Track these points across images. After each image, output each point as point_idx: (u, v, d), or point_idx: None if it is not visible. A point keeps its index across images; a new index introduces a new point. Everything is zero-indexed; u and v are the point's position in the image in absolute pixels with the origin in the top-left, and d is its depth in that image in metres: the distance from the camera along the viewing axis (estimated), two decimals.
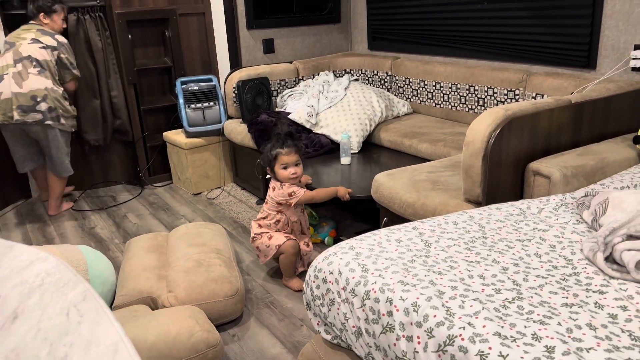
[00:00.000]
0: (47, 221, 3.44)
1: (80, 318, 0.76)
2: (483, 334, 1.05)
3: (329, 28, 4.17)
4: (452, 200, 2.10)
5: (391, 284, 1.27)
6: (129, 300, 2.16)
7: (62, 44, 3.34)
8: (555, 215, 1.66)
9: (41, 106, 3.17)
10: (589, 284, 1.27)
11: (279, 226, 2.45)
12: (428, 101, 3.46)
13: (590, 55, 2.64)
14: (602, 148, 2.13)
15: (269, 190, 2.46)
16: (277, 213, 2.44)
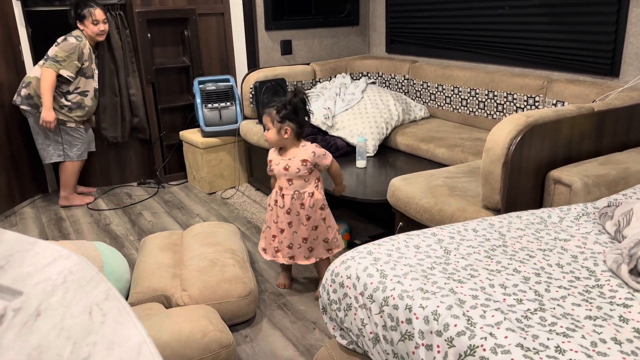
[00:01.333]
0: (63, 216, 3.47)
1: (103, 317, 0.76)
2: (505, 345, 1.03)
3: (347, 30, 4.16)
4: (470, 207, 2.08)
5: (410, 291, 1.25)
6: (143, 298, 2.16)
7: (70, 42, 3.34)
8: (576, 225, 1.63)
9: (22, 91, 3.35)
10: (613, 296, 1.24)
11: None
12: (446, 106, 3.43)
13: (613, 62, 2.60)
14: (625, 157, 2.10)
15: None
16: None
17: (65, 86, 3.38)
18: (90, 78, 3.47)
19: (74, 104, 3.43)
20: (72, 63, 3.33)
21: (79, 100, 3.45)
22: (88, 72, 3.45)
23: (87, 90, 3.47)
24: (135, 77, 3.80)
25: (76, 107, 3.45)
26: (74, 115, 3.46)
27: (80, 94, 3.44)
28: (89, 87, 3.48)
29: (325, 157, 2.24)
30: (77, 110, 3.47)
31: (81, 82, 3.43)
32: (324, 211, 2.29)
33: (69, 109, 3.43)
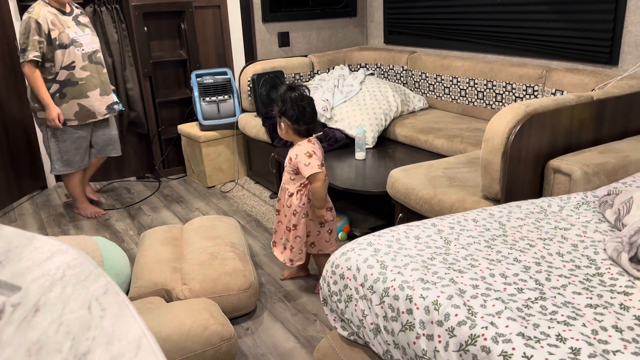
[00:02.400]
0: (63, 212, 3.46)
1: (102, 312, 0.75)
2: (506, 334, 1.03)
3: (345, 22, 4.14)
4: (469, 197, 2.07)
5: (411, 281, 1.25)
6: (144, 292, 2.16)
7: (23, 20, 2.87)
8: (576, 214, 1.63)
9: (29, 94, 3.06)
10: (614, 284, 1.24)
11: None
12: (445, 96, 3.42)
13: (612, 51, 2.59)
14: (624, 146, 2.09)
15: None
16: None
17: (47, 71, 2.92)
18: (70, 46, 2.92)
19: (62, 83, 2.95)
20: (32, 41, 2.82)
21: (68, 77, 2.96)
22: (63, 39, 2.90)
23: (72, 62, 2.94)
24: (132, 71, 3.78)
25: (68, 85, 2.96)
26: (69, 102, 2.98)
27: (66, 68, 2.94)
28: (73, 56, 2.94)
29: (306, 169, 2.11)
30: (71, 91, 2.97)
31: (59, 55, 2.90)
32: (295, 218, 2.21)
33: (61, 96, 2.96)
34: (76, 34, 2.96)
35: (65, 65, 2.94)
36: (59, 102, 2.97)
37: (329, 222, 2.30)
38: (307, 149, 2.15)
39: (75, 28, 2.97)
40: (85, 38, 3.01)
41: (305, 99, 2.15)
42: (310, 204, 2.23)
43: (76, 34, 2.96)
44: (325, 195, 2.20)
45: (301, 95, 2.13)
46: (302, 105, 2.13)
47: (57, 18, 2.91)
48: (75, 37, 2.95)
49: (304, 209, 2.21)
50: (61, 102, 2.98)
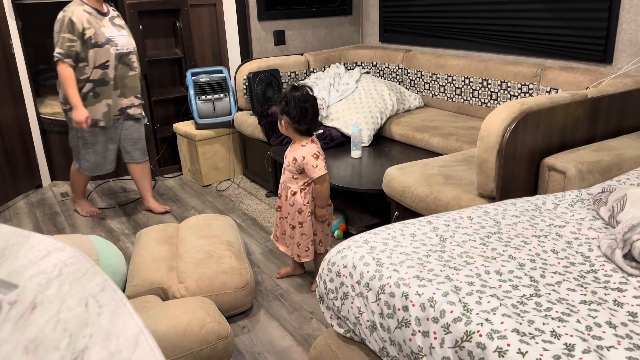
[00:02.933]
0: (58, 211, 3.45)
1: (99, 309, 0.76)
2: (501, 331, 1.04)
3: (341, 20, 4.14)
4: (464, 195, 2.08)
5: (407, 278, 1.26)
6: (140, 291, 2.16)
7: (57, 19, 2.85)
8: (571, 212, 1.64)
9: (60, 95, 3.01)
10: (608, 281, 1.25)
11: None
12: (440, 95, 3.43)
13: (606, 49, 2.60)
14: (618, 144, 2.11)
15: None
16: None
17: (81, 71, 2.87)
18: (105, 45, 2.87)
19: (96, 82, 2.89)
20: (61, 38, 2.80)
21: (102, 76, 2.90)
22: (99, 38, 2.85)
23: (106, 61, 2.89)
24: None
25: (101, 85, 2.91)
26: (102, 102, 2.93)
27: (100, 67, 2.89)
28: (107, 55, 2.88)
29: (314, 171, 2.15)
30: (103, 90, 2.92)
31: (93, 54, 2.85)
32: (301, 216, 2.24)
33: (94, 95, 2.91)
34: (112, 33, 2.90)
35: (100, 64, 2.88)
36: (92, 101, 2.92)
37: (328, 219, 2.32)
38: (313, 150, 2.17)
39: (112, 28, 2.92)
40: (122, 38, 2.95)
41: (309, 100, 2.16)
42: (314, 202, 2.24)
43: (112, 34, 2.90)
44: (327, 196, 2.24)
45: (304, 95, 2.15)
46: (305, 107, 2.14)
47: (93, 17, 2.85)
48: (111, 36, 2.89)
49: (309, 206, 2.24)
50: (94, 101, 2.92)
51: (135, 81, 3.06)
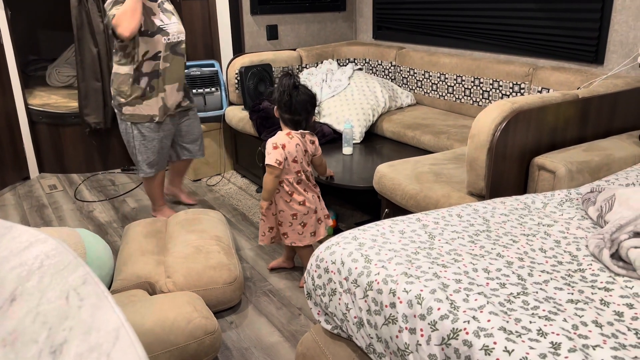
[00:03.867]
0: (45, 203, 3.41)
1: (80, 302, 0.74)
2: (488, 329, 1.04)
3: (334, 16, 4.12)
4: (454, 193, 2.08)
5: (394, 275, 1.25)
6: (127, 285, 2.14)
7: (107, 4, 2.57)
8: (560, 211, 1.64)
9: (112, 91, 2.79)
10: (595, 280, 1.25)
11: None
12: (432, 93, 3.43)
13: (598, 50, 2.61)
14: (608, 144, 2.11)
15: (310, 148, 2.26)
16: None
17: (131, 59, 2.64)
18: (156, 34, 2.64)
19: (150, 75, 2.69)
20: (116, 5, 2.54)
21: (155, 67, 2.69)
22: (149, 26, 2.61)
23: (158, 51, 2.66)
24: None
25: (155, 77, 2.70)
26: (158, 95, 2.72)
27: (152, 59, 2.67)
28: (160, 46, 2.66)
29: (266, 157, 2.15)
30: (156, 83, 2.71)
31: (143, 43, 2.61)
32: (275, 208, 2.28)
33: (150, 89, 2.70)
34: (162, 21, 2.67)
35: (151, 55, 2.66)
36: (149, 95, 2.71)
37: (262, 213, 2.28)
38: (277, 140, 2.16)
39: (161, 15, 2.68)
40: (172, 27, 2.71)
41: (298, 90, 2.15)
42: (279, 194, 2.23)
43: (162, 22, 2.67)
44: (270, 190, 2.19)
45: (293, 84, 2.14)
46: (288, 93, 2.13)
47: (144, 3, 2.60)
48: (162, 25, 2.66)
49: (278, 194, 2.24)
50: (151, 95, 2.72)
51: (183, 70, 2.87)
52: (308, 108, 2.20)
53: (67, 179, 3.87)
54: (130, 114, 2.73)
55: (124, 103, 2.72)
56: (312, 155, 2.28)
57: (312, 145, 2.27)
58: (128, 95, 2.69)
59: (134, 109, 2.72)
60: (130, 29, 2.46)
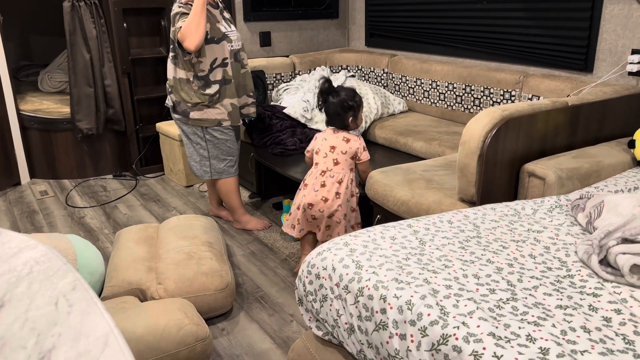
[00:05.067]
0: (36, 209, 3.40)
1: (69, 308, 0.74)
2: (477, 334, 1.04)
3: (327, 23, 4.15)
4: (446, 199, 2.09)
5: (385, 281, 1.26)
6: (118, 292, 2.13)
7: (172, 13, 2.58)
8: (549, 217, 1.66)
9: (168, 99, 2.79)
10: (583, 286, 1.26)
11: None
12: (424, 100, 3.45)
13: (587, 58, 2.64)
14: (597, 151, 2.14)
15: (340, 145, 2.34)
16: (350, 172, 2.37)
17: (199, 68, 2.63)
18: (222, 41, 2.63)
19: (220, 82, 2.66)
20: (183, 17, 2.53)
21: (223, 74, 2.66)
22: (216, 33, 2.61)
23: (225, 58, 2.64)
24: (111, 67, 3.73)
25: (225, 84, 2.68)
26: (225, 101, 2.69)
27: (221, 65, 2.65)
28: (226, 53, 2.65)
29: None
30: (226, 89, 2.68)
31: (210, 50, 2.60)
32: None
33: (221, 97, 2.68)
34: (226, 28, 2.67)
35: (220, 62, 2.64)
36: (216, 101, 2.68)
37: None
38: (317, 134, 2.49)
39: (224, 22, 2.69)
40: (234, 34, 2.72)
41: (332, 93, 2.37)
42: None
43: (226, 29, 2.67)
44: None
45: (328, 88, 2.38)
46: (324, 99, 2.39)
47: (208, 10, 2.60)
48: (226, 32, 2.67)
49: None
50: (219, 101, 2.69)
51: (246, 79, 2.83)
52: (338, 110, 2.36)
53: (59, 184, 3.85)
54: (199, 118, 2.71)
55: (191, 108, 2.70)
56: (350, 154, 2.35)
57: (346, 142, 2.35)
58: (195, 101, 2.67)
59: (202, 114, 2.70)
60: (196, 43, 2.48)
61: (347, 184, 2.34)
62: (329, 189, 2.33)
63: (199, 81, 2.65)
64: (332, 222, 2.34)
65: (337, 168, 2.35)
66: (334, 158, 2.35)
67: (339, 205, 2.31)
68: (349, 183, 2.35)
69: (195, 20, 2.46)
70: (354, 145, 2.35)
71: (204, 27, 2.49)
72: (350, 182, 2.36)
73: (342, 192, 2.32)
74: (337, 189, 2.33)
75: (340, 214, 2.32)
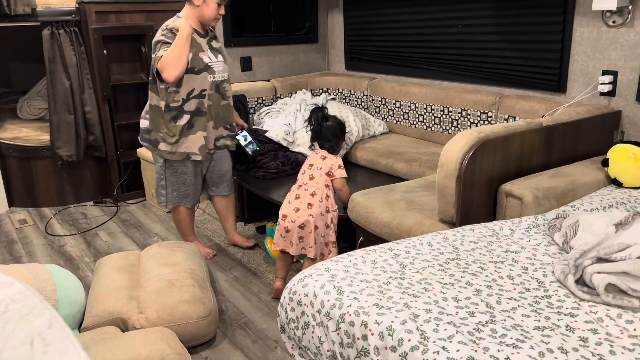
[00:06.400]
0: (15, 238, 3.34)
1: (45, 348, 0.74)
2: (457, 358, 1.05)
3: (307, 47, 4.20)
4: (426, 220, 2.11)
5: (366, 307, 1.26)
6: (99, 322, 2.10)
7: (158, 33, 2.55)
8: (527, 237, 1.69)
9: (142, 123, 2.78)
10: (561, 306, 1.28)
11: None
12: (404, 121, 3.50)
13: (560, 79, 2.72)
14: (573, 170, 2.18)
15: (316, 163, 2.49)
16: (325, 187, 2.44)
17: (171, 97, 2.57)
18: (203, 72, 2.59)
19: (192, 113, 2.61)
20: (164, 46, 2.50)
21: (198, 106, 2.61)
22: (197, 63, 2.57)
23: (203, 89, 2.61)
24: (91, 94, 3.72)
25: (197, 115, 2.62)
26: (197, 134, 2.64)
27: (198, 97, 2.60)
28: (205, 84, 2.61)
29: None
30: (199, 121, 2.63)
31: (189, 81, 2.56)
32: None
33: (189, 126, 2.62)
34: (210, 59, 2.62)
35: (197, 93, 2.59)
36: (186, 132, 2.62)
37: None
38: None
39: (209, 52, 2.64)
40: (218, 65, 2.67)
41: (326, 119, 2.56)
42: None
43: (210, 60, 2.62)
44: None
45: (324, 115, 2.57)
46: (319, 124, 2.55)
47: (194, 39, 2.57)
48: (210, 62, 2.62)
49: None
50: (188, 132, 2.63)
51: (226, 111, 2.78)
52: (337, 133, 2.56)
53: (38, 212, 3.80)
54: (166, 150, 2.66)
55: (161, 138, 2.65)
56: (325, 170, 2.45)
57: (322, 160, 2.49)
58: (164, 132, 2.63)
59: (171, 147, 2.65)
60: (175, 75, 2.46)
61: (321, 197, 2.39)
62: (301, 200, 2.40)
63: (169, 112, 2.60)
64: (304, 233, 2.35)
65: (311, 182, 2.44)
66: (310, 174, 2.47)
67: (310, 215, 2.34)
68: (323, 197, 2.40)
69: (177, 52, 2.44)
70: (329, 162, 2.47)
71: (186, 58, 2.48)
72: (325, 197, 2.40)
73: (314, 204, 2.37)
74: (309, 200, 2.39)
75: (311, 225, 2.34)
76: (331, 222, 2.42)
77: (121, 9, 3.72)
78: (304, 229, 2.35)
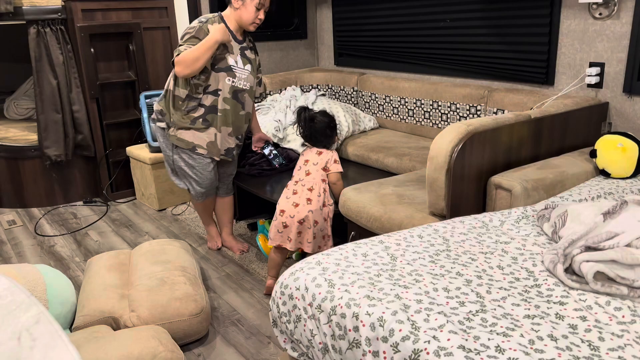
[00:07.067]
0: (4, 239, 3.31)
1: (32, 342, 0.73)
2: (448, 347, 1.06)
3: (296, 44, 4.19)
4: (417, 214, 2.12)
5: (357, 298, 1.26)
6: (90, 321, 2.09)
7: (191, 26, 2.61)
8: (516, 228, 1.70)
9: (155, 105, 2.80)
10: (550, 295, 1.29)
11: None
12: (394, 116, 3.51)
13: (548, 72, 2.73)
14: (561, 162, 2.20)
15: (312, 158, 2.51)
16: (322, 182, 2.45)
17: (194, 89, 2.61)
18: (222, 72, 2.60)
19: (207, 108, 2.64)
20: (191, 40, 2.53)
21: (213, 103, 2.63)
22: (220, 64, 2.59)
23: (218, 89, 2.62)
24: (79, 93, 3.69)
25: (212, 112, 2.65)
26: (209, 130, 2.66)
27: (212, 94, 2.62)
28: (222, 84, 2.62)
29: None
30: (213, 119, 2.65)
31: (209, 77, 2.59)
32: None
33: (204, 122, 2.65)
34: (235, 63, 2.64)
35: (212, 90, 2.62)
36: (200, 127, 2.65)
37: None
38: None
39: (238, 57, 2.66)
40: (242, 73, 2.67)
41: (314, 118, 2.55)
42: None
43: (235, 64, 2.64)
44: None
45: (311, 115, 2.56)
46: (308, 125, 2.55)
47: (227, 43, 2.61)
48: (233, 66, 2.63)
49: None
50: (203, 128, 2.65)
51: (241, 121, 2.77)
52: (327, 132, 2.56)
53: (27, 213, 3.76)
54: (175, 136, 2.69)
55: (172, 123, 2.69)
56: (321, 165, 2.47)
57: (318, 155, 2.51)
58: (175, 119, 2.66)
59: (179, 133, 2.67)
60: (185, 73, 2.51)
61: (318, 192, 2.40)
62: (299, 195, 2.40)
63: (190, 102, 2.63)
64: (303, 228, 2.35)
65: (308, 177, 2.45)
66: (306, 170, 2.48)
67: (309, 210, 2.34)
68: (320, 192, 2.41)
69: (197, 54, 2.47)
70: (325, 157, 2.49)
71: (202, 63, 2.50)
72: (322, 191, 2.42)
73: (313, 199, 2.37)
74: (307, 196, 2.39)
75: (311, 220, 2.34)
76: (328, 215, 2.43)
77: (108, 7, 3.69)
78: (303, 224, 2.35)
